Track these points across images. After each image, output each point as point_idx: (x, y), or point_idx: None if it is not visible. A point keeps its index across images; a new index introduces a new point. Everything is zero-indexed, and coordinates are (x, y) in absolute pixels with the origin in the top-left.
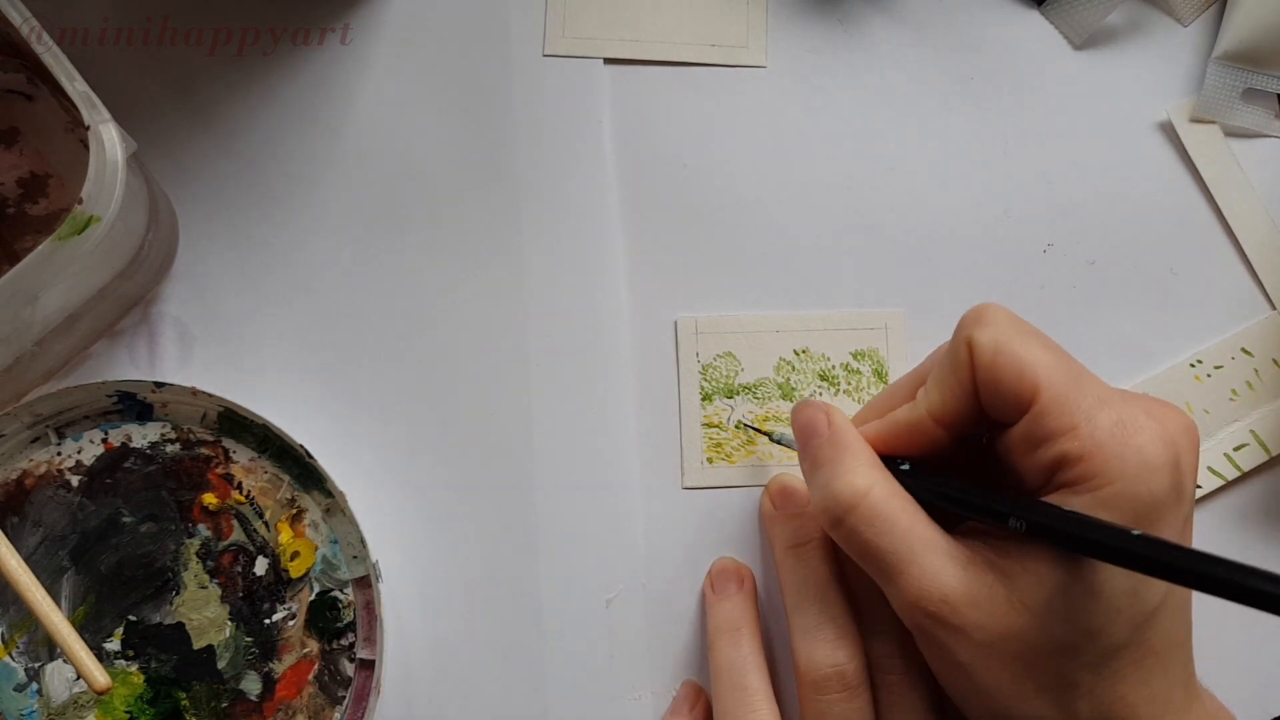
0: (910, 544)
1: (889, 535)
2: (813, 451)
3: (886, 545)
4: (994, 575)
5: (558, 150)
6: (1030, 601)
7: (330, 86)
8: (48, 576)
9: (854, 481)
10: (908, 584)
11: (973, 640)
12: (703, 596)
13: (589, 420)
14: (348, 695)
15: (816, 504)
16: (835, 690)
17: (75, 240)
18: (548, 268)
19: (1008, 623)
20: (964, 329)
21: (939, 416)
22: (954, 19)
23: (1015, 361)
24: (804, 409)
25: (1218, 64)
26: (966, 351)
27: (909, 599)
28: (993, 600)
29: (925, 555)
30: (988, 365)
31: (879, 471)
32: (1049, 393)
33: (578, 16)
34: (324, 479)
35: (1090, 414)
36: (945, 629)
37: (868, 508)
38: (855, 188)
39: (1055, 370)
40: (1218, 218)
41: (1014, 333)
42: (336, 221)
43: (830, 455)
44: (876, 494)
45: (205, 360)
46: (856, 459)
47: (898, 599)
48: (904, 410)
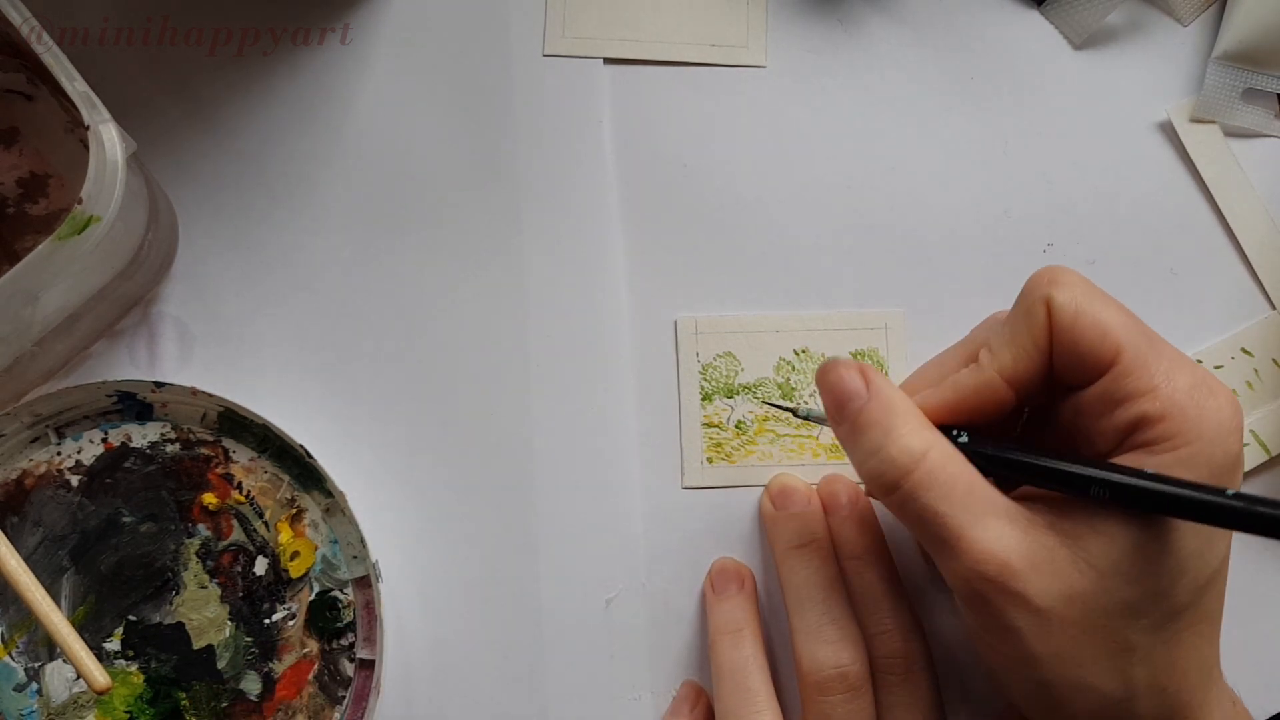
0: (970, 506)
1: (948, 500)
2: (853, 415)
3: (946, 510)
4: (1056, 538)
5: (558, 150)
6: (1098, 563)
7: (330, 86)
8: (48, 576)
9: (910, 444)
10: (967, 548)
11: (1032, 605)
12: (703, 597)
13: (589, 420)
14: (348, 695)
15: (866, 471)
16: (838, 691)
17: (75, 240)
18: (548, 268)
19: (1071, 585)
20: (1038, 289)
21: (1010, 377)
22: (954, 19)
23: (1096, 322)
24: (835, 369)
25: (1218, 64)
26: (1044, 311)
27: (968, 564)
28: (1055, 563)
29: (986, 519)
30: (1068, 326)
31: (933, 433)
32: (1130, 353)
33: (578, 16)
34: (324, 479)
35: (1169, 375)
36: (1005, 595)
37: (926, 471)
38: (855, 188)
39: (1134, 332)
40: (1218, 218)
41: (1092, 294)
42: (336, 221)
43: (878, 417)
44: (935, 456)
45: (205, 360)
46: (908, 420)
47: (955, 564)
48: (968, 373)
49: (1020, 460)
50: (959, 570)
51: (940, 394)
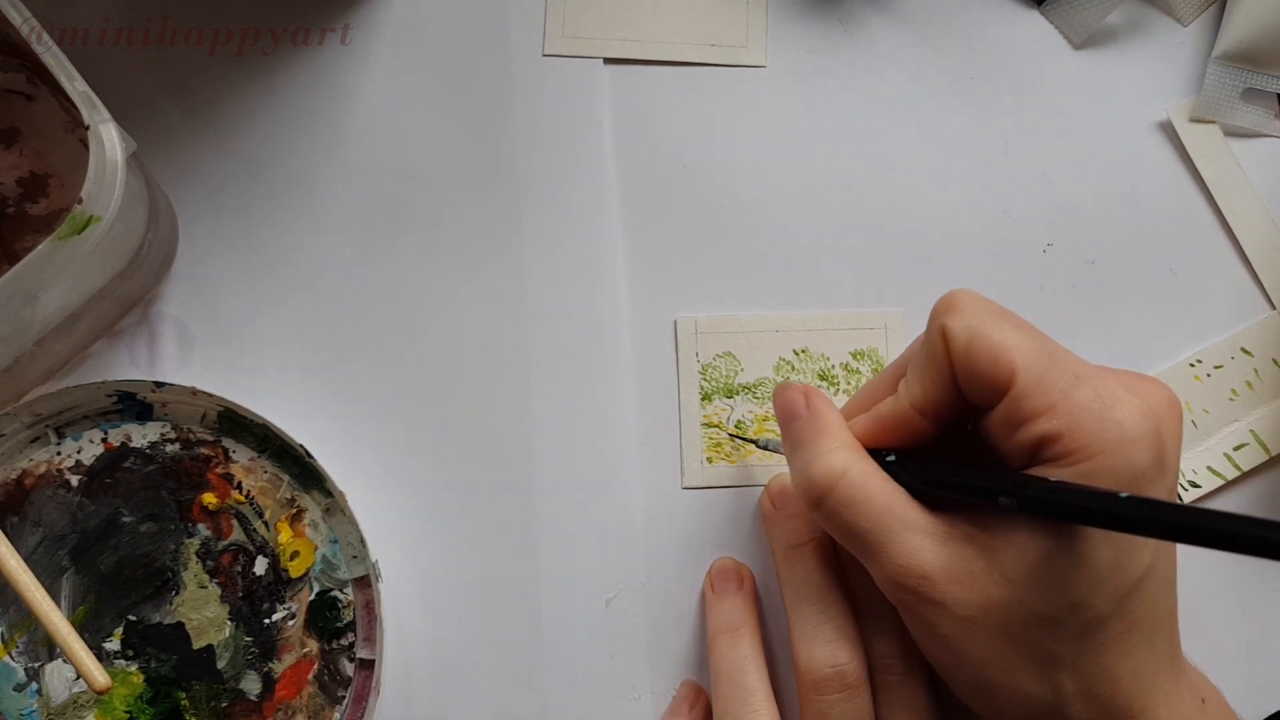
0: (888, 522)
1: (867, 515)
2: (792, 434)
3: (865, 525)
4: (974, 549)
5: (558, 150)
6: (1011, 574)
7: (330, 86)
8: (48, 576)
9: (830, 463)
10: (887, 561)
11: (953, 614)
12: (702, 596)
13: (589, 420)
14: (347, 695)
15: (797, 486)
16: (835, 690)
17: (75, 240)
18: (548, 268)
19: (988, 595)
20: (937, 317)
21: (921, 407)
22: (954, 19)
23: (989, 346)
24: (784, 391)
25: (1218, 64)
26: (941, 340)
27: (889, 575)
28: (972, 574)
29: (903, 533)
30: (963, 352)
31: (855, 452)
32: (1025, 374)
33: (577, 16)
34: (324, 479)
35: (1067, 391)
36: (926, 604)
37: (844, 489)
38: (855, 188)
39: (1030, 352)
40: (1218, 218)
41: (986, 317)
42: (336, 221)
43: (808, 437)
44: (853, 475)
45: (205, 360)
46: (833, 440)
47: (879, 575)
48: (887, 403)
49: (938, 476)
50: (883, 580)
51: (865, 423)
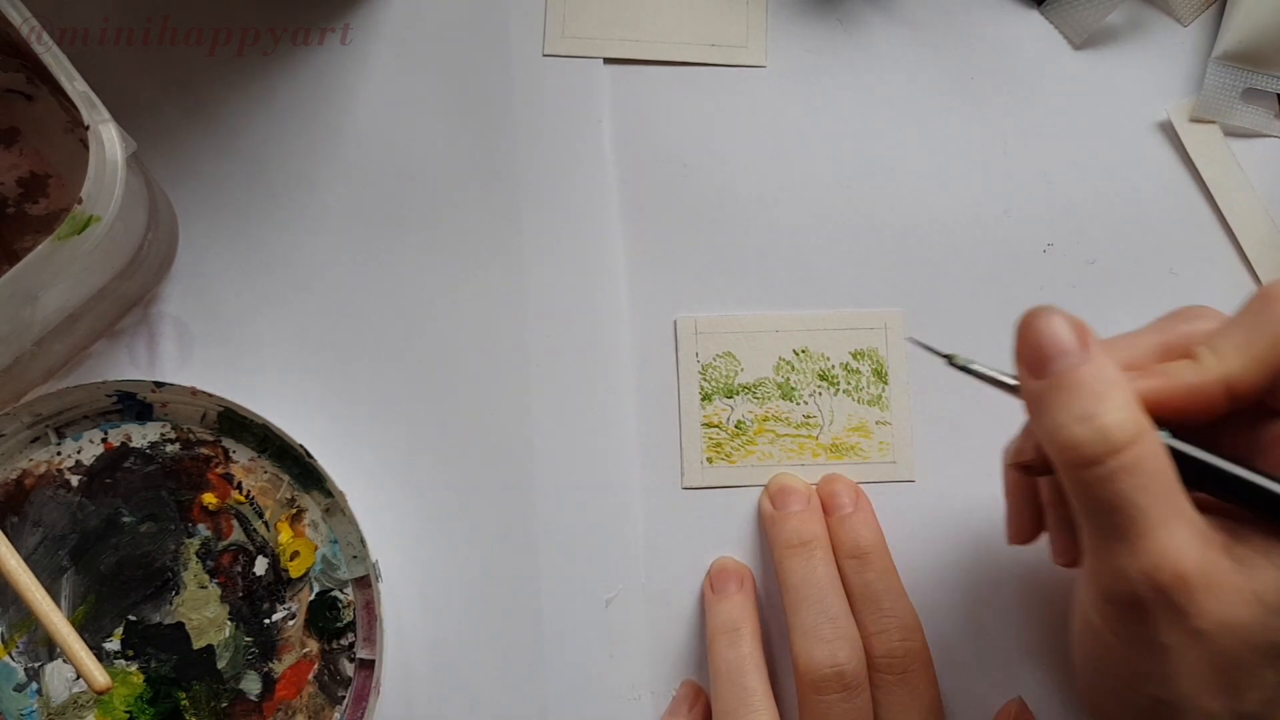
0: (1166, 507)
1: (1148, 492)
2: (1061, 372)
3: (1143, 502)
4: (1231, 560)
5: (558, 150)
6: (1266, 597)
7: (330, 86)
8: (47, 576)
9: (1127, 420)
10: (1148, 548)
11: (1191, 625)
12: (702, 596)
13: (589, 420)
14: (347, 695)
15: (1066, 436)
16: (834, 690)
17: (75, 240)
18: (548, 268)
19: (1235, 614)
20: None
21: (1234, 384)
22: (954, 19)
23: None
24: (1049, 316)
25: (1218, 64)
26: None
27: (1143, 565)
28: (1225, 587)
29: (1176, 524)
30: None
31: (1146, 417)
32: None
33: (577, 16)
34: (324, 479)
35: None
36: (1167, 607)
37: (1136, 455)
38: (855, 188)
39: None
40: (1218, 218)
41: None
42: (336, 221)
43: (1092, 382)
44: (1149, 442)
45: (205, 360)
46: (1125, 394)
47: (1127, 560)
48: (1187, 368)
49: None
50: (1129, 568)
51: (1149, 382)
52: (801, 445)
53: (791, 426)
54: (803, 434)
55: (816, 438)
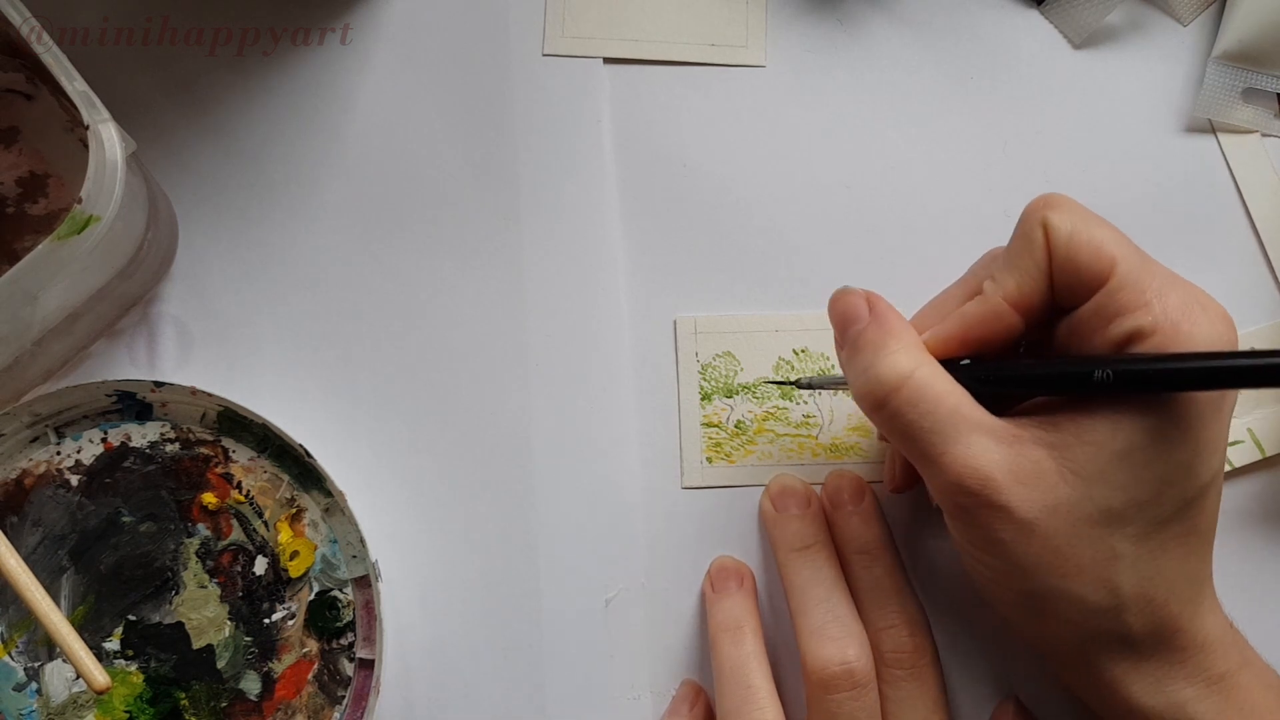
0: (955, 423)
1: (933, 415)
2: (853, 337)
3: (930, 425)
4: (1043, 450)
5: (557, 150)
6: (1083, 470)
7: (330, 86)
8: (47, 576)
9: (898, 362)
10: (950, 462)
11: (1015, 516)
12: (702, 596)
13: (589, 420)
14: (347, 695)
15: (857, 389)
16: (844, 689)
17: (75, 240)
18: (547, 267)
19: (1056, 495)
20: (1035, 213)
21: (1016, 301)
22: (954, 19)
23: (1091, 239)
24: (844, 296)
25: (1217, 64)
26: (1042, 234)
27: (950, 478)
28: (1040, 474)
29: (969, 434)
30: (1064, 244)
31: (923, 353)
32: (1123, 267)
33: (577, 16)
34: (323, 478)
35: (1161, 291)
36: (987, 508)
37: (912, 388)
38: (855, 187)
39: (1128, 249)
40: (1218, 217)
41: (1087, 215)
42: (336, 221)
43: (874, 338)
44: (921, 374)
45: (204, 359)
46: (900, 341)
47: (938, 478)
48: (974, 304)
49: (1022, 372)
50: (942, 484)
51: (947, 327)
52: (801, 445)
53: (791, 426)
54: (802, 434)
55: (816, 437)
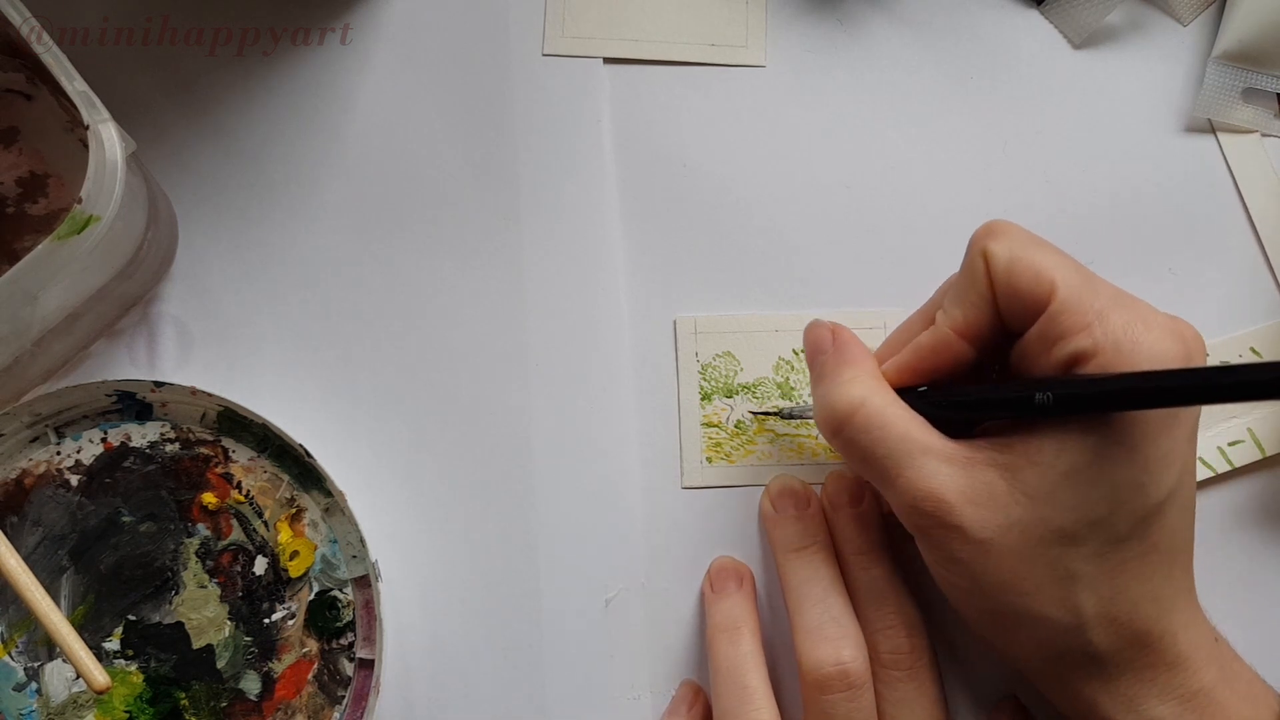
0: (907, 448)
1: (885, 441)
2: (817, 367)
3: (883, 451)
4: (995, 471)
5: (557, 150)
6: (1033, 491)
7: (330, 86)
8: (47, 576)
9: (850, 391)
10: (905, 486)
11: (970, 536)
12: (702, 596)
13: (589, 420)
14: (347, 695)
15: (817, 415)
16: (839, 689)
17: (74, 240)
18: (547, 267)
19: (1008, 515)
20: (977, 242)
21: (963, 330)
22: (954, 19)
23: (1030, 265)
24: (813, 328)
25: (1217, 63)
26: (983, 262)
27: (906, 500)
28: (992, 495)
29: (921, 458)
30: (1004, 271)
31: (876, 382)
32: (1064, 291)
33: (577, 16)
34: (323, 478)
35: (1103, 312)
36: (942, 528)
37: (864, 416)
38: (855, 187)
39: (1069, 272)
40: (1217, 216)
41: (1028, 241)
42: (336, 221)
43: (831, 369)
44: (873, 403)
45: (204, 359)
46: (855, 370)
47: (896, 500)
48: (926, 334)
49: (970, 398)
50: (899, 506)
51: (903, 357)
52: (801, 445)
53: (791, 426)
54: (802, 434)
55: (816, 437)
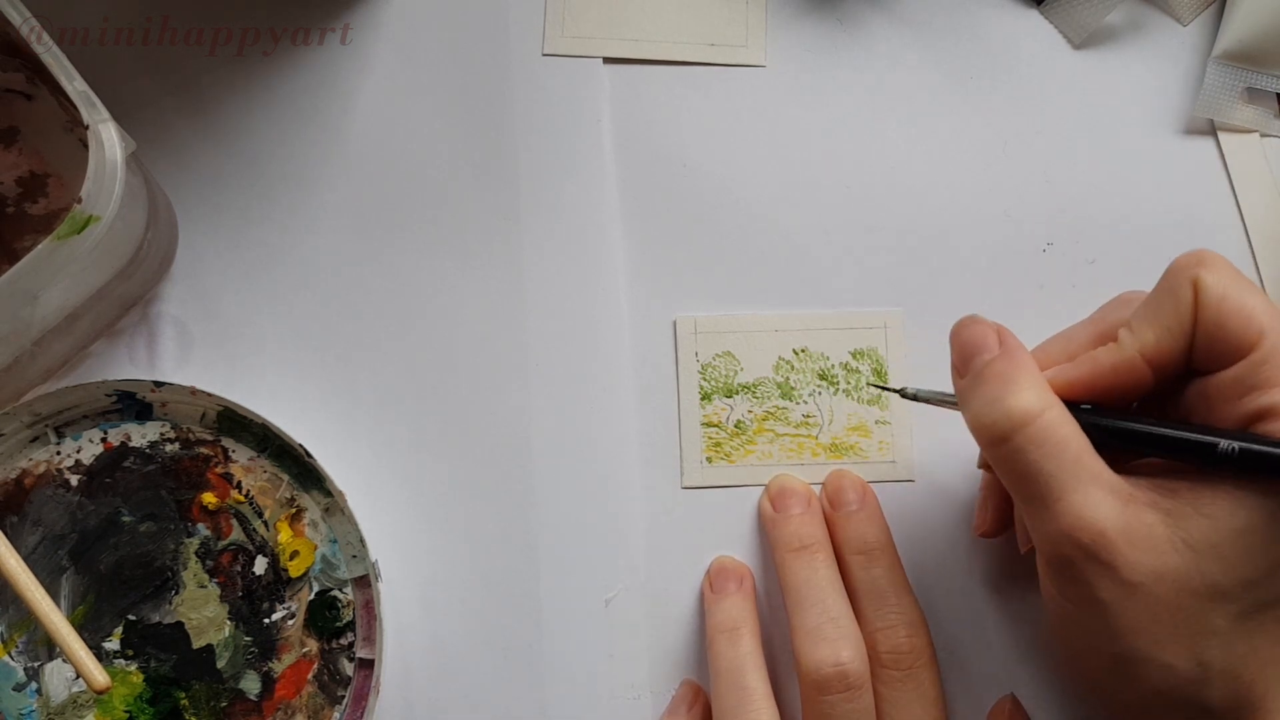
0: (1076, 472)
1: (1055, 459)
2: (979, 367)
3: (1051, 469)
4: (1157, 515)
5: (557, 150)
6: (1196, 544)
7: (330, 86)
8: (47, 576)
9: (1029, 399)
10: (1065, 510)
11: (1120, 577)
12: (702, 596)
13: (589, 420)
14: (347, 695)
15: (979, 421)
16: (838, 690)
17: (74, 240)
18: (547, 267)
19: (1164, 562)
20: (1186, 270)
21: (1151, 356)
22: (953, 18)
23: (1243, 306)
24: (973, 324)
25: (1217, 63)
26: (1191, 291)
27: (1062, 527)
28: (1152, 539)
29: (1088, 485)
30: (1214, 305)
31: (1052, 395)
32: (1272, 339)
33: (577, 16)
34: (323, 478)
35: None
36: (1094, 563)
37: (1040, 428)
38: (855, 187)
39: (1277, 320)
40: (1217, 216)
41: (1239, 278)
42: (336, 221)
43: (1003, 371)
44: (1051, 416)
45: (204, 359)
46: (1031, 378)
47: (1049, 525)
48: (1107, 351)
49: (1144, 430)
50: (1053, 532)
51: (1076, 370)
52: (801, 445)
53: (791, 426)
54: (802, 433)
55: (816, 437)
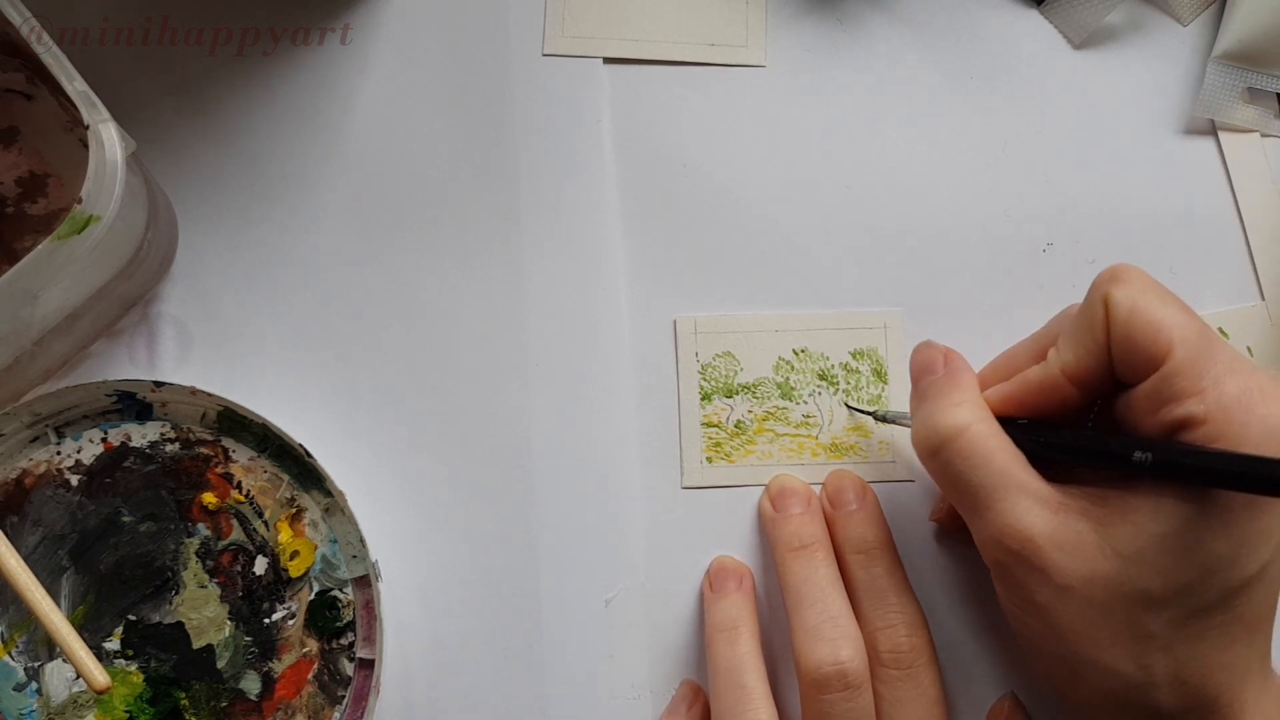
0: (1002, 482)
1: (982, 470)
2: (923, 387)
3: (978, 480)
4: (1087, 522)
5: (557, 150)
6: (1124, 549)
7: (330, 86)
8: (47, 576)
9: (958, 415)
10: (993, 519)
11: (1053, 581)
12: (702, 595)
13: (589, 420)
14: (347, 695)
15: (916, 434)
16: (837, 689)
17: (74, 240)
18: (547, 267)
19: (1093, 568)
20: (1100, 287)
21: (1072, 374)
22: (953, 18)
23: (1150, 319)
24: (925, 349)
25: (1217, 63)
26: (1103, 308)
27: (992, 534)
28: (1080, 545)
29: (1015, 494)
30: (1123, 322)
31: (982, 411)
32: (1181, 352)
33: (577, 16)
34: (323, 478)
35: (1219, 378)
36: (1025, 568)
37: (966, 442)
38: (855, 187)
39: (1189, 332)
40: (1218, 216)
41: (1150, 292)
42: (336, 221)
43: (939, 390)
44: (976, 430)
45: (204, 359)
46: (964, 395)
47: (983, 532)
48: (1035, 369)
49: (1070, 441)
50: (986, 539)
51: (1008, 389)
52: (801, 445)
53: (791, 426)
54: (802, 433)
55: (816, 437)
